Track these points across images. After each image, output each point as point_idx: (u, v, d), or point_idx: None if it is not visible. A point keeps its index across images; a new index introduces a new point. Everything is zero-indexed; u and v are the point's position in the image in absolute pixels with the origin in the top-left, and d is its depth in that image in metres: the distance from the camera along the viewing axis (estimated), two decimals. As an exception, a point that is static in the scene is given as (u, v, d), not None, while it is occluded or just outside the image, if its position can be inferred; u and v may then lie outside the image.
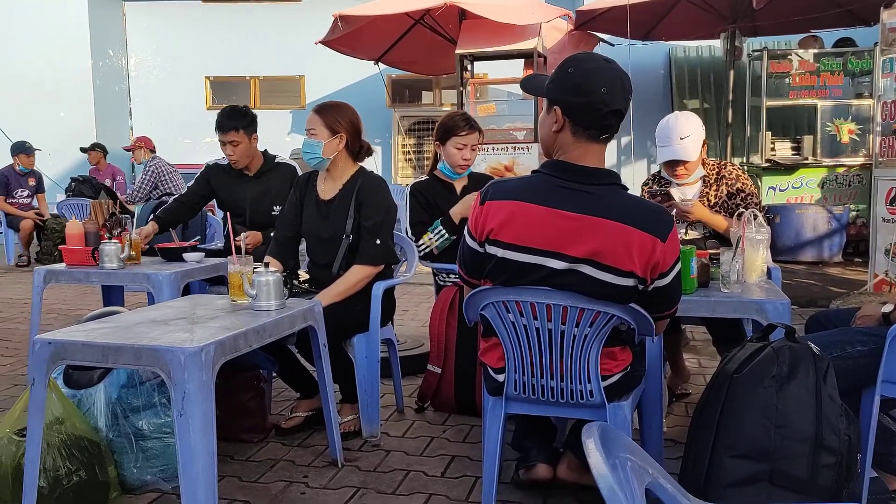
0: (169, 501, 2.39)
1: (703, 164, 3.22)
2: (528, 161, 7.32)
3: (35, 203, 8.31)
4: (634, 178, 6.98)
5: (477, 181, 3.50)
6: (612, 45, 8.28)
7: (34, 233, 8.17)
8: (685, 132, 3.06)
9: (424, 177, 3.55)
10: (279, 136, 10.42)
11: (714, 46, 9.41)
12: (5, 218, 8.16)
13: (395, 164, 9.99)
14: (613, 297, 1.90)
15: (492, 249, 1.95)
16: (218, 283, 3.86)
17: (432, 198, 3.41)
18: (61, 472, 2.22)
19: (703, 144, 3.15)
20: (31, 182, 8.32)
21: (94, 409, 2.44)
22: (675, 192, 3.15)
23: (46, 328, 3.93)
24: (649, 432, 2.38)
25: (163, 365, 1.93)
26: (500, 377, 2.09)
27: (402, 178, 9.93)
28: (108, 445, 2.39)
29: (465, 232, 2.06)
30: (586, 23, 8.11)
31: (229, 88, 11.19)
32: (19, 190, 8.22)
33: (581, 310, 1.92)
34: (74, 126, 10.16)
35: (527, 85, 2.10)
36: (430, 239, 3.31)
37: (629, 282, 1.88)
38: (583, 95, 1.85)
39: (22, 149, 8.20)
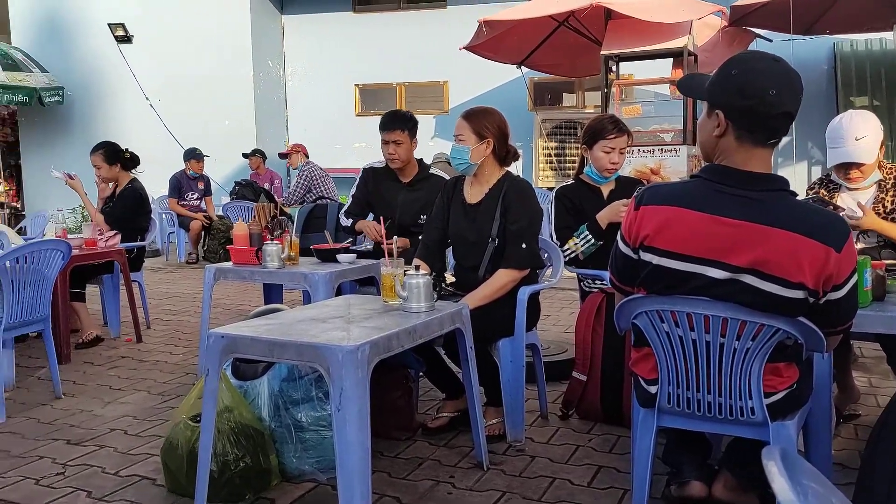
0: (324, 492, 2.51)
1: (880, 167, 2.98)
2: (676, 164, 7.06)
3: (203, 205, 9.00)
4: (795, 182, 6.54)
5: (625, 185, 3.42)
6: (770, 41, 7.83)
7: (202, 233, 8.84)
8: (861, 132, 2.83)
9: (570, 181, 3.51)
10: (423, 141, 10.57)
11: (886, 39, 8.66)
12: (177, 219, 8.89)
13: (536, 168, 9.95)
14: (779, 309, 1.79)
15: (646, 256, 1.90)
16: (367, 283, 4.00)
17: (578, 202, 3.37)
18: (230, 458, 2.38)
19: (881, 146, 2.90)
20: (200, 186, 9.01)
21: (259, 400, 2.61)
22: (847, 198, 2.93)
23: (214, 322, 4.24)
24: (816, 455, 2.23)
25: (322, 361, 2.03)
26: (653, 389, 2.03)
27: (543, 181, 9.88)
28: (270, 435, 2.54)
29: (618, 238, 2.02)
30: (741, 18, 7.71)
31: (376, 95, 11.60)
32: (190, 193, 8.93)
33: (743, 322, 1.83)
34: (237, 133, 10.91)
35: (685, 87, 2.03)
36: (576, 244, 3.27)
37: (798, 294, 1.77)
38: (748, 98, 1.76)
39: (193, 155, 8.91)
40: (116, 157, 5.02)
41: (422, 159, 4.08)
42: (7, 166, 12.08)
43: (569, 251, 3.27)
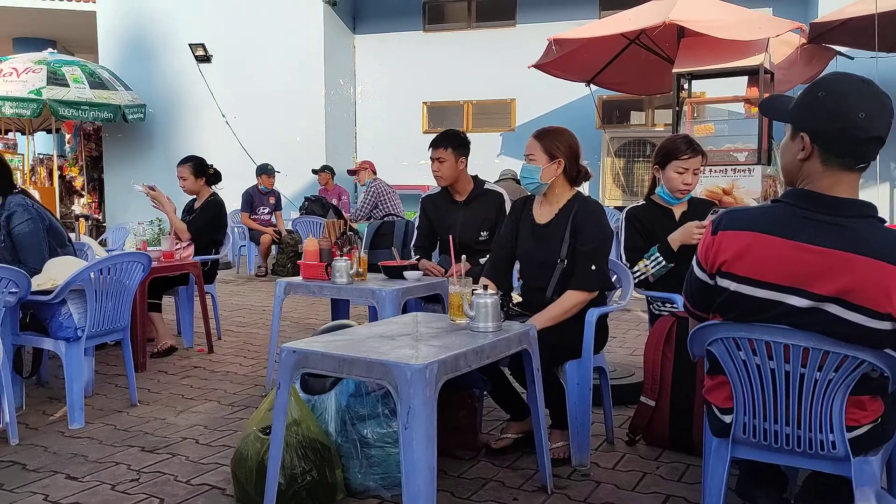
0: (388, 508, 2.52)
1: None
2: (749, 184, 6.88)
3: (273, 220, 9.22)
4: (879, 206, 6.28)
5: (697, 207, 3.35)
6: (852, 59, 7.57)
7: (272, 247, 9.06)
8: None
9: (641, 201, 3.46)
10: (489, 159, 10.69)
11: (978, 55, 8.24)
12: (248, 232, 9.14)
13: (603, 186, 9.84)
14: (864, 340, 1.72)
15: (723, 282, 1.85)
16: (432, 300, 4.02)
17: (649, 223, 3.32)
18: (297, 471, 2.42)
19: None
20: (271, 200, 9.25)
21: (326, 414, 2.64)
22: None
23: (282, 335, 4.32)
24: (901, 494, 2.11)
25: (391, 379, 2.04)
26: (727, 418, 1.97)
27: (610, 199, 9.76)
28: (336, 450, 2.57)
29: (694, 263, 1.97)
30: (822, 35, 7.48)
31: (444, 113, 11.71)
32: (261, 207, 9.17)
33: (825, 352, 1.75)
34: (308, 150, 11.16)
35: (767, 108, 1.97)
36: (646, 266, 3.22)
37: (885, 325, 1.69)
38: (836, 121, 1.70)
39: (264, 170, 9.16)
40: (203, 171, 5.23)
41: (476, 176, 4.12)
42: (91, 180, 12.66)
43: (638, 273, 3.22)
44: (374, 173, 9.24)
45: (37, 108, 10.12)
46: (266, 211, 9.21)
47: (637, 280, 3.22)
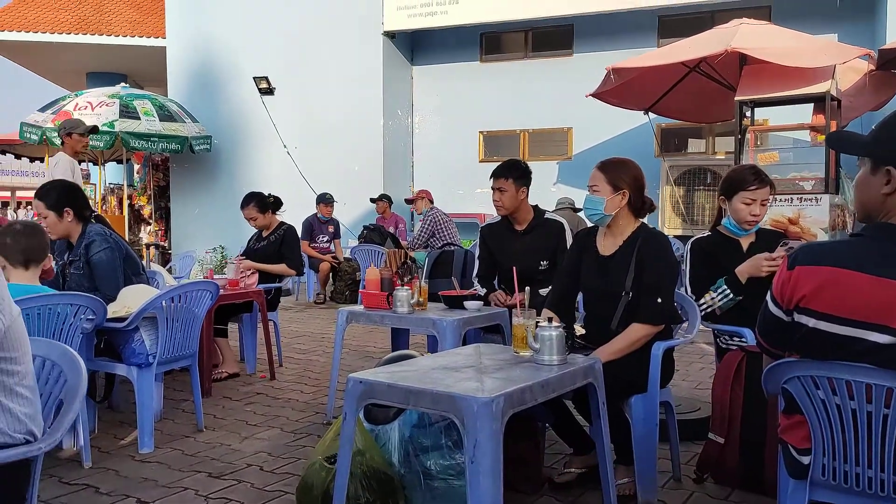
0: (451, 542, 2.50)
1: None
2: (816, 214, 6.70)
3: (332, 247, 9.37)
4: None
5: (766, 239, 3.28)
6: (923, 85, 7.33)
7: (330, 274, 9.19)
8: None
9: (706, 232, 3.41)
10: (545, 187, 10.67)
11: None
12: (308, 260, 9.29)
13: (662, 215, 9.70)
14: (953, 380, 1.65)
15: (801, 318, 1.80)
16: (491, 330, 4.01)
17: (715, 255, 3.26)
18: (361, 501, 2.43)
19: None
20: (330, 229, 9.41)
21: (390, 444, 2.65)
22: None
23: (341, 363, 4.35)
24: None
25: (457, 412, 2.04)
26: (805, 459, 1.90)
27: (669, 228, 9.61)
28: (400, 481, 2.57)
29: (768, 298, 1.92)
30: (890, 61, 7.28)
31: (500, 142, 11.76)
32: (320, 236, 9.33)
33: (911, 393, 1.69)
34: (366, 179, 11.34)
35: (835, 142, 1.93)
36: (713, 298, 3.16)
37: (975, 365, 1.62)
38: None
39: (323, 199, 9.34)
40: (266, 205, 5.43)
41: (536, 206, 4.13)
42: (158, 208, 13.10)
43: (705, 305, 3.16)
44: (431, 202, 9.32)
45: (109, 140, 10.56)
46: (325, 239, 9.37)
47: (703, 313, 3.16)
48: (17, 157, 14.95)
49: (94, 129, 6.75)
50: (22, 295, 2.81)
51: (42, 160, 13.50)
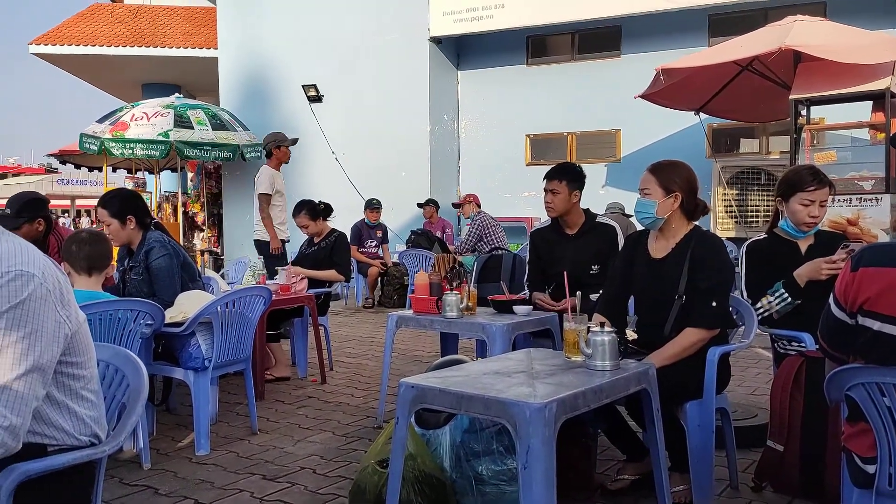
0: (503, 548, 2.49)
1: None
2: (876, 214, 6.48)
3: (380, 252, 9.44)
4: None
5: (825, 241, 3.19)
6: None
7: (378, 279, 9.26)
8: None
9: (762, 234, 3.33)
10: (594, 190, 10.55)
11: None
12: (356, 265, 9.38)
13: (714, 217, 9.52)
14: None
15: (866, 322, 1.75)
16: (541, 335, 3.98)
17: (772, 258, 3.18)
18: (414, 505, 2.44)
19: None
20: (378, 234, 9.49)
21: (441, 449, 2.65)
22: None
23: (391, 367, 4.37)
24: None
25: (509, 417, 2.03)
26: (870, 468, 1.84)
27: (722, 230, 9.42)
28: (452, 485, 2.57)
29: (831, 301, 1.87)
30: (954, 55, 7.00)
31: (547, 145, 11.70)
32: (369, 241, 9.42)
33: (984, 401, 1.62)
34: (413, 184, 11.40)
35: (903, 141, 1.87)
36: (770, 302, 3.08)
37: None
38: None
39: (369, 205, 9.44)
40: (316, 212, 5.52)
41: (588, 209, 4.08)
42: (211, 215, 13.39)
43: (762, 310, 3.09)
44: (479, 206, 9.33)
45: (164, 150, 10.85)
46: (373, 244, 9.45)
47: (760, 317, 3.09)
48: (77, 166, 15.48)
49: (295, 141, 7.28)
50: (85, 301, 2.90)
51: (100, 170, 13.93)
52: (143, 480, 3.16)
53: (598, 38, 11.25)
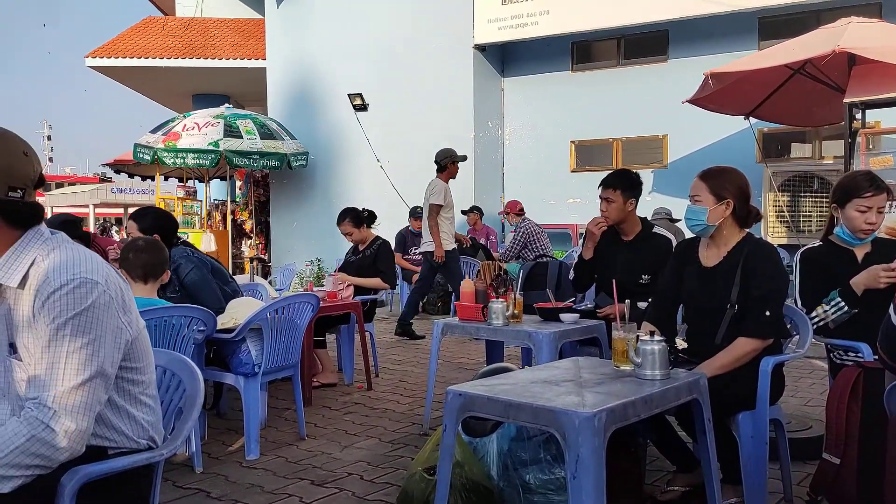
0: (551, 558, 2.48)
1: None
2: (936, 221, 6.25)
3: (424, 260, 9.47)
4: None
5: (882, 248, 3.11)
6: None
7: (423, 286, 9.28)
8: None
9: (817, 242, 3.25)
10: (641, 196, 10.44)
11: None
12: (401, 272, 9.43)
13: (765, 223, 9.31)
14: None
15: (929, 334, 1.70)
16: (588, 343, 3.95)
17: (827, 266, 3.11)
18: (461, 513, 2.44)
19: None
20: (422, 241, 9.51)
21: (488, 457, 2.65)
22: None
23: (436, 374, 4.38)
24: None
25: (558, 426, 2.02)
26: (935, 484, 1.78)
27: (773, 237, 9.21)
28: (499, 494, 2.57)
29: (890, 310, 1.82)
30: None
31: (592, 151, 11.61)
32: (413, 248, 9.46)
33: None
34: (457, 191, 11.37)
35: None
36: (825, 311, 3.01)
37: None
38: None
39: (414, 214, 9.49)
40: (360, 219, 5.57)
41: (645, 218, 4.05)
42: (258, 223, 13.63)
43: (817, 319, 3.02)
44: (523, 213, 9.30)
45: (214, 159, 11.09)
46: (417, 251, 9.48)
47: (815, 327, 3.01)
48: (131, 175, 15.92)
49: (465, 158, 7.85)
50: (141, 307, 2.97)
51: (153, 179, 14.30)
52: (196, 484, 3.23)
53: (644, 43, 11.13)
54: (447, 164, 7.36)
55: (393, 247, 9.34)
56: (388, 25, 11.94)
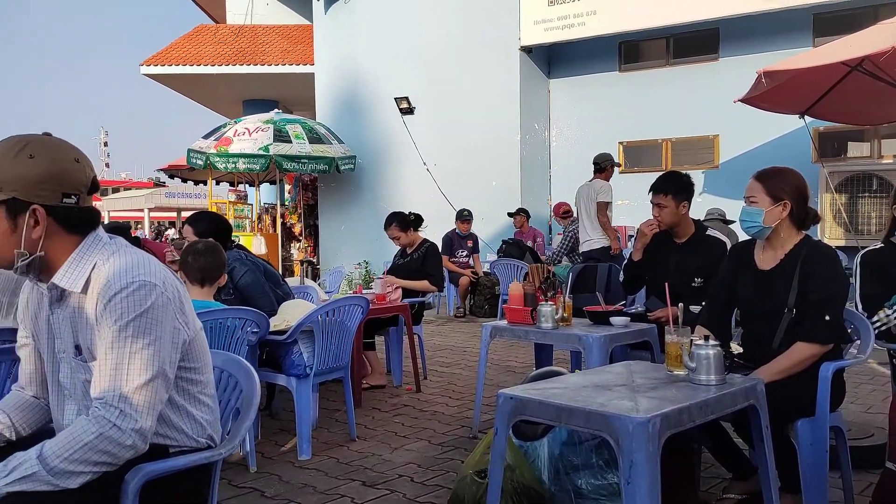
0: (604, 564, 2.45)
1: None
2: None
3: (471, 262, 9.49)
4: None
5: (949, 250, 2.99)
6: None
7: (469, 288, 9.31)
8: None
9: (878, 244, 3.16)
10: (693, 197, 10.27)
11: None
12: (448, 274, 9.46)
13: (822, 224, 9.07)
14: None
15: None
16: (639, 346, 3.90)
17: (890, 268, 3.02)
18: (513, 517, 2.43)
19: None
20: (469, 244, 9.54)
21: (539, 461, 2.64)
22: None
23: (485, 377, 4.38)
24: None
25: (611, 431, 2.00)
26: None
27: (830, 238, 8.97)
28: (551, 498, 2.55)
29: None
30: None
31: (641, 152, 11.47)
32: (460, 250, 9.48)
33: None
34: (503, 193, 11.41)
35: None
36: (888, 316, 2.93)
37: None
38: None
39: (460, 216, 9.51)
40: (407, 223, 5.61)
41: (699, 220, 3.98)
42: (307, 226, 13.82)
43: (879, 323, 2.94)
44: (570, 215, 9.23)
45: (264, 163, 11.29)
46: (464, 254, 9.50)
47: (877, 331, 2.93)
48: (184, 180, 16.31)
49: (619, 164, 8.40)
50: (198, 310, 3.04)
51: (205, 183, 14.62)
52: (250, 483, 3.29)
53: (694, 42, 10.96)
54: (607, 165, 7.92)
55: (440, 249, 9.48)
56: (434, 29, 12.00)
